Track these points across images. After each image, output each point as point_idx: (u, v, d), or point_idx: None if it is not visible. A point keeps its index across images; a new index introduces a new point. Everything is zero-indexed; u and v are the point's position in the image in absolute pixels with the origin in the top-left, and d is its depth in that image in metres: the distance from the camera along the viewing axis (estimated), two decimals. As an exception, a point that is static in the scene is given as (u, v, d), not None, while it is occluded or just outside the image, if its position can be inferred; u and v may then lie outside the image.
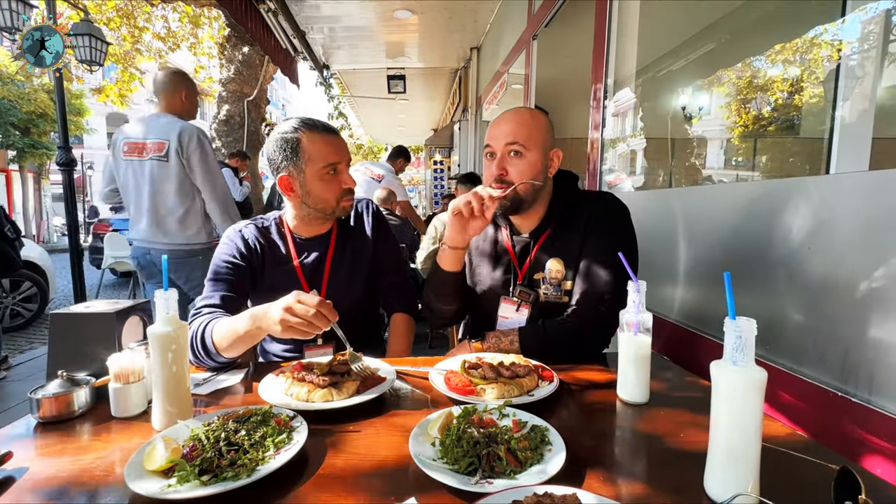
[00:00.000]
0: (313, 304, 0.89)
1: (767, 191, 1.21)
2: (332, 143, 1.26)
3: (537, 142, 1.19)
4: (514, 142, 1.17)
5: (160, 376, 0.78)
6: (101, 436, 0.78)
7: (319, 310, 0.89)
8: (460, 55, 6.36)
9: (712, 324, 1.32)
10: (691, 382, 1.03)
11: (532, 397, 0.88)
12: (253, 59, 6.43)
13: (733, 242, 1.27)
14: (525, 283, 1.27)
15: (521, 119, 1.20)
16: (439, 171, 9.60)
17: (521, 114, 1.22)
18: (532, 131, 1.18)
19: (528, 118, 1.20)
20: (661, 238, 1.55)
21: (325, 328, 0.91)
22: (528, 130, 1.18)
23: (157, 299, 0.78)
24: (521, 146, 1.17)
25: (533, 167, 1.18)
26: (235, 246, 1.30)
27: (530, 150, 1.18)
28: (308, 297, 0.91)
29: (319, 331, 0.91)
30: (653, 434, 0.79)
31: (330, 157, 1.24)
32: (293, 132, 1.23)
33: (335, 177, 1.26)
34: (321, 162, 1.23)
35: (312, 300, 0.90)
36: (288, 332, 0.91)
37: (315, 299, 0.90)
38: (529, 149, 1.18)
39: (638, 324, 0.90)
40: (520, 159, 1.18)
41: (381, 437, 0.77)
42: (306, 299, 0.90)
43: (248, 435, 0.69)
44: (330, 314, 0.90)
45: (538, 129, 1.19)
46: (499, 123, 1.21)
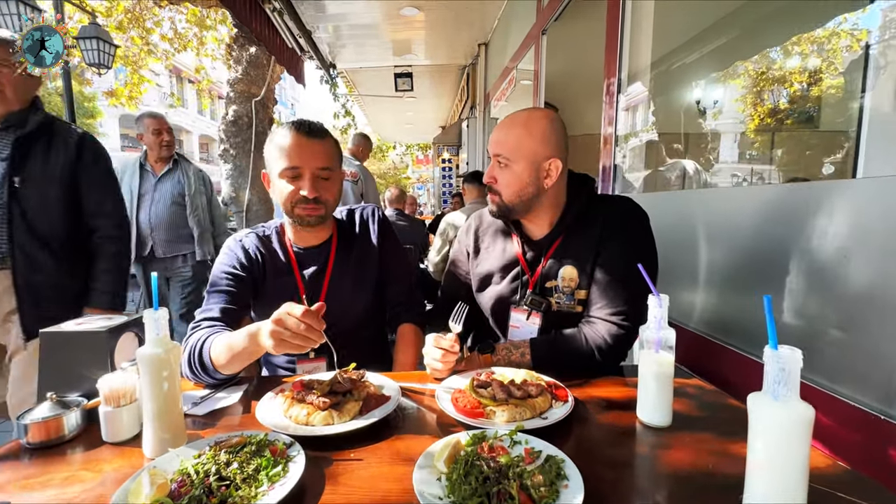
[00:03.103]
0: (299, 317, 0.84)
1: (796, 194, 1.13)
2: (301, 147, 1.18)
3: (525, 154, 1.15)
4: (499, 154, 1.17)
5: (151, 401, 0.74)
6: (91, 463, 0.74)
7: (306, 321, 0.84)
8: (468, 51, 6.27)
9: (735, 333, 1.25)
10: (716, 400, 0.96)
11: (546, 420, 0.83)
12: (260, 59, 6.41)
13: (758, 248, 1.19)
14: (536, 292, 1.21)
15: (512, 130, 1.16)
16: (447, 169, 9.52)
17: (515, 123, 1.17)
18: (521, 142, 1.15)
19: (520, 129, 1.16)
20: (679, 242, 1.47)
21: (319, 341, 0.86)
22: (517, 141, 1.15)
23: (147, 320, 0.74)
24: (506, 158, 1.16)
25: (518, 179, 1.16)
26: (235, 256, 1.26)
27: (515, 163, 1.16)
28: (296, 308, 0.86)
29: (315, 344, 0.86)
30: (678, 464, 0.72)
31: (291, 159, 1.17)
32: (277, 128, 1.23)
33: (295, 181, 1.19)
34: (282, 163, 1.18)
35: (298, 310, 0.85)
36: (281, 347, 0.86)
37: (300, 309, 0.85)
38: (514, 161, 1.16)
39: (660, 341, 0.84)
40: (505, 170, 1.17)
41: (384, 466, 0.72)
42: (295, 311, 0.85)
43: (241, 468, 0.65)
44: (316, 323, 0.85)
45: (529, 140, 1.14)
46: (496, 129, 1.20)
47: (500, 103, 5.31)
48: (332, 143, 1.25)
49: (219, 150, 6.69)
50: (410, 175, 23.21)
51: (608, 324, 1.11)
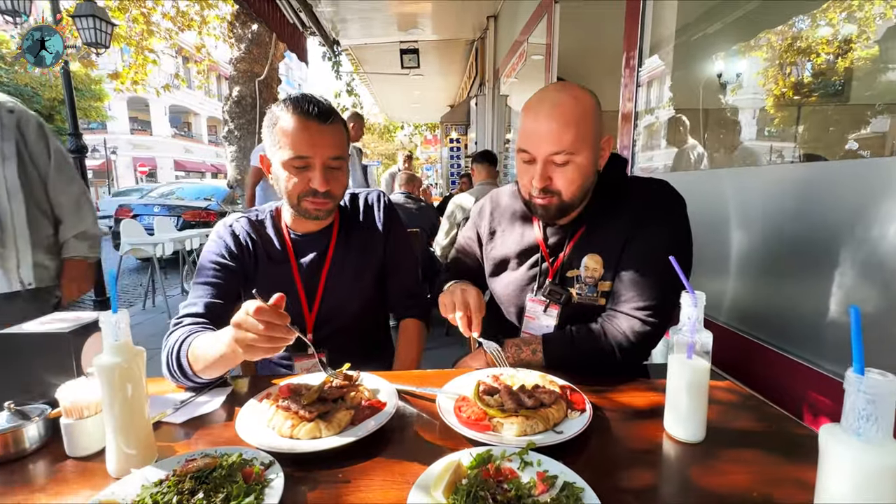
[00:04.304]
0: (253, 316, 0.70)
1: (842, 171, 0.99)
2: (310, 133, 1.03)
3: (588, 141, 0.97)
4: (561, 150, 0.95)
5: (112, 416, 0.65)
6: (49, 485, 0.66)
7: (264, 319, 0.70)
8: (476, 24, 6.02)
9: (770, 329, 1.13)
10: (756, 409, 0.85)
11: (560, 435, 0.73)
12: (262, 36, 6.23)
13: (797, 233, 1.06)
14: (556, 281, 1.10)
15: (567, 117, 0.95)
16: (456, 149, 9.32)
17: (564, 107, 0.96)
18: (581, 129, 0.95)
19: (575, 113, 0.95)
20: (706, 227, 1.34)
21: (289, 338, 0.73)
22: (577, 130, 0.95)
23: (104, 324, 0.65)
24: (568, 154, 0.96)
25: (582, 173, 0.98)
26: (224, 244, 1.15)
27: (579, 154, 0.96)
28: (250, 305, 0.72)
29: (285, 343, 0.73)
30: (717, 490, 0.62)
31: (299, 148, 1.03)
32: (277, 107, 1.07)
33: (303, 172, 1.05)
34: (287, 151, 1.04)
35: (251, 308, 0.71)
36: (252, 352, 0.74)
37: (253, 305, 0.71)
38: (578, 153, 0.96)
39: (693, 346, 0.73)
40: (566, 167, 0.97)
41: (375, 491, 0.63)
42: (249, 309, 0.71)
43: (207, 498, 0.56)
44: (276, 318, 0.71)
45: (587, 122, 0.96)
46: (537, 119, 0.97)
47: (509, 80, 5.10)
48: (342, 126, 1.11)
49: (223, 131, 6.60)
50: (419, 156, 22.96)
51: (632, 319, 0.99)
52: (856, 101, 2.00)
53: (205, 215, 7.27)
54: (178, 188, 8.90)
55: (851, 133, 1.86)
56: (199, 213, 7.30)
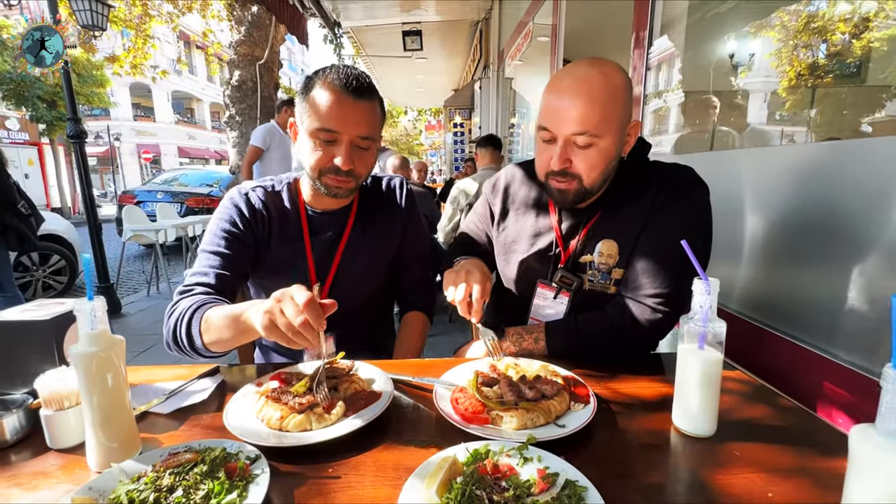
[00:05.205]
0: (300, 307, 0.67)
1: (860, 150, 0.93)
2: (343, 108, 0.97)
3: (616, 123, 0.90)
4: (584, 131, 0.89)
5: (91, 408, 0.62)
6: (26, 478, 0.63)
7: (306, 315, 0.67)
8: (480, 5, 5.87)
9: (784, 317, 1.08)
10: (768, 401, 0.81)
11: (563, 429, 0.69)
12: (263, 19, 6.11)
13: (816, 216, 1.01)
14: (568, 267, 1.05)
15: (594, 94, 0.88)
16: (459, 133, 9.20)
17: (592, 83, 0.88)
18: (609, 110, 0.88)
19: (603, 90, 0.88)
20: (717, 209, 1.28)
21: (312, 345, 0.70)
22: (604, 111, 0.88)
23: (79, 312, 0.61)
24: (593, 136, 0.89)
25: (605, 157, 0.92)
26: (239, 211, 1.08)
27: (604, 137, 0.90)
28: (300, 295, 0.69)
29: (305, 346, 0.70)
30: (730, 491, 0.58)
31: (328, 120, 0.97)
32: (315, 75, 1.01)
33: (328, 146, 0.99)
34: (316, 122, 0.98)
35: (301, 298, 0.68)
36: (271, 333, 0.71)
37: (304, 297, 0.68)
38: (603, 135, 0.89)
39: (705, 335, 0.68)
40: (589, 150, 0.91)
41: (367, 488, 0.60)
42: (298, 298, 0.68)
43: (186, 496, 0.53)
44: (316, 322, 0.68)
45: (616, 103, 0.89)
46: (561, 94, 0.90)
47: (514, 62, 4.98)
48: (379, 106, 1.04)
49: (224, 117, 6.53)
50: (423, 142, 22.74)
51: (642, 306, 0.95)
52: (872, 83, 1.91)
53: (208, 202, 7.25)
54: (181, 174, 8.86)
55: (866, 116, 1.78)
56: (203, 200, 7.28)
